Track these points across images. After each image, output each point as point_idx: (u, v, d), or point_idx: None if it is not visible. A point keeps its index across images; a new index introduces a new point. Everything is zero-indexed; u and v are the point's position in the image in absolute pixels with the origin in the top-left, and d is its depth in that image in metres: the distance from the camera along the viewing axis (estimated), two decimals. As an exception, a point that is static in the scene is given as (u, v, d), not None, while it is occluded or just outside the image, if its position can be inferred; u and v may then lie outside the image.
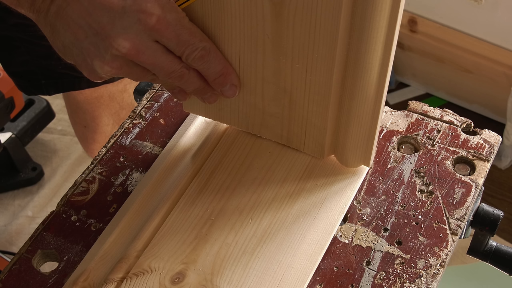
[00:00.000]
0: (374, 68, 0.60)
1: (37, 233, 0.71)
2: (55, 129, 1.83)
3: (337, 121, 0.67)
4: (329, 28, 0.58)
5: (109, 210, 0.72)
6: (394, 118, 0.77)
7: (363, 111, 0.64)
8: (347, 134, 0.67)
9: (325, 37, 0.59)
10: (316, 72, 0.62)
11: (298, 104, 0.66)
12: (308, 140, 0.70)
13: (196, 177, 0.72)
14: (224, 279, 0.64)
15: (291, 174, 0.71)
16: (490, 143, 0.73)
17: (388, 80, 0.61)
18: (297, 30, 0.60)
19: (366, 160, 0.69)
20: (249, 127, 0.73)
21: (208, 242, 0.67)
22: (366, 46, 0.58)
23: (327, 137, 0.68)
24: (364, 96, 0.63)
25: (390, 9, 0.56)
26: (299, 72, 0.63)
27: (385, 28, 0.57)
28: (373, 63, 0.60)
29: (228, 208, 0.69)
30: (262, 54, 0.63)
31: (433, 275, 0.65)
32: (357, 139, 0.67)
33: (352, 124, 0.66)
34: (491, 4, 1.63)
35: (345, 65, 0.61)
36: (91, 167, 0.75)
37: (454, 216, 0.69)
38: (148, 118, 0.79)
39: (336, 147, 0.70)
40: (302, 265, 0.65)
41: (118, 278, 0.65)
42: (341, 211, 0.68)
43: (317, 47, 0.60)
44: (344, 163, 0.71)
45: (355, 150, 0.68)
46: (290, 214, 0.68)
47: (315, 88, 0.64)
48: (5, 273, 0.69)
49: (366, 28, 0.57)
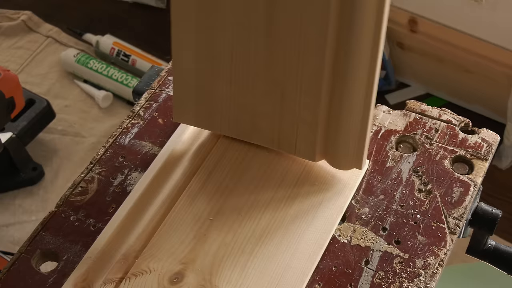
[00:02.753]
0: (364, 59, 0.60)
1: (36, 233, 0.71)
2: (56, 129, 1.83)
3: (328, 116, 0.66)
4: (319, 14, 0.58)
5: (108, 210, 0.72)
6: (392, 117, 0.77)
7: (353, 105, 0.64)
8: (338, 131, 0.66)
9: (315, 22, 0.58)
10: (308, 61, 0.62)
11: (290, 98, 0.66)
12: (299, 141, 0.69)
13: (195, 177, 0.72)
14: (223, 279, 0.65)
15: (289, 172, 0.71)
16: (489, 142, 0.74)
17: (377, 74, 0.61)
18: (288, 17, 0.59)
19: (358, 162, 0.69)
20: (240, 134, 0.72)
21: (207, 242, 0.67)
22: (355, 32, 0.58)
23: (319, 135, 0.67)
24: (354, 90, 0.62)
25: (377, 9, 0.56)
26: (291, 62, 0.62)
27: (373, 16, 0.57)
28: (362, 51, 0.60)
29: (227, 208, 0.69)
30: (254, 44, 0.63)
31: (432, 275, 0.65)
32: (348, 137, 0.66)
33: (343, 120, 0.65)
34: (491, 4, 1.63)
35: (336, 52, 0.61)
36: (90, 167, 0.75)
37: (453, 215, 0.69)
38: (146, 118, 0.79)
39: (328, 148, 0.69)
40: (301, 265, 0.65)
41: (117, 278, 0.65)
42: (340, 210, 0.68)
43: (308, 33, 0.60)
44: (336, 165, 0.70)
45: (347, 150, 0.68)
46: (288, 213, 0.68)
47: (307, 77, 0.63)
48: (4, 272, 0.69)
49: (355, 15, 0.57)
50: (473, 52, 1.73)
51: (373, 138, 0.75)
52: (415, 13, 1.77)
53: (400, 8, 1.79)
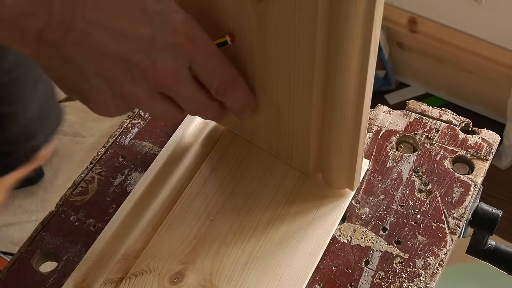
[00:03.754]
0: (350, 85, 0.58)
1: (36, 233, 0.71)
2: (55, 129, 1.83)
3: (320, 136, 0.65)
4: (307, 43, 0.57)
5: (108, 210, 0.72)
6: (393, 117, 0.77)
7: (343, 131, 0.62)
8: (330, 151, 0.65)
9: (304, 52, 0.58)
10: (298, 85, 0.61)
11: (284, 116, 0.65)
12: (295, 154, 0.69)
13: (195, 177, 0.72)
14: (223, 279, 0.65)
15: (290, 173, 0.71)
16: (489, 143, 0.74)
17: (368, 100, 0.59)
18: (279, 43, 0.59)
19: (350, 183, 0.68)
20: (243, 133, 0.73)
21: (207, 242, 0.67)
22: (343, 61, 0.57)
23: (311, 152, 0.67)
24: (343, 114, 0.61)
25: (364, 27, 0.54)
26: (283, 84, 0.62)
27: (359, 51, 0.55)
28: (349, 82, 0.58)
29: (227, 208, 0.69)
30: (250, 64, 0.63)
31: (432, 275, 0.65)
32: (340, 158, 0.65)
33: (333, 141, 0.64)
34: (491, 4, 1.63)
35: (325, 79, 0.60)
36: (90, 167, 0.75)
37: (453, 216, 0.69)
38: (147, 118, 0.79)
39: (321, 166, 0.69)
40: (301, 265, 0.65)
41: (117, 278, 0.65)
42: (340, 211, 0.68)
43: (298, 60, 0.59)
44: (328, 183, 0.70)
45: (338, 170, 0.67)
46: (288, 213, 0.68)
47: (298, 100, 0.63)
48: (4, 273, 0.69)
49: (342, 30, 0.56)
50: (473, 52, 1.74)
51: (374, 138, 0.75)
52: (415, 13, 1.77)
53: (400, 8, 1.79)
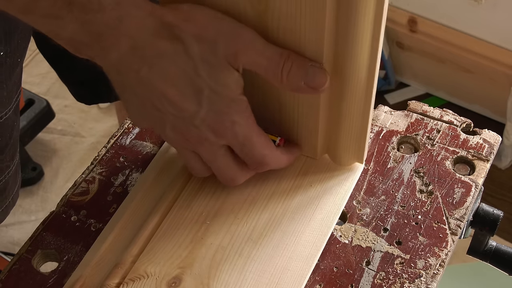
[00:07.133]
0: (363, 67, 0.60)
1: (37, 233, 0.71)
2: (55, 129, 1.83)
3: (328, 122, 0.66)
4: (314, 33, 0.57)
5: (109, 210, 0.72)
6: (394, 118, 0.77)
7: (353, 111, 0.64)
8: (339, 134, 0.67)
9: (311, 41, 0.58)
10: None
11: (288, 107, 0.66)
12: (300, 141, 0.69)
13: (191, 180, 0.71)
14: (220, 283, 0.64)
15: (286, 175, 0.71)
16: (490, 143, 0.73)
17: (376, 79, 0.61)
18: (281, 38, 0.59)
19: (360, 157, 0.69)
20: None
21: (204, 246, 0.67)
22: (352, 49, 0.58)
23: (319, 138, 0.68)
24: (353, 96, 0.62)
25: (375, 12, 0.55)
26: None
27: (370, 30, 0.57)
28: (360, 64, 0.59)
29: (223, 211, 0.69)
30: None
31: (433, 275, 0.65)
32: (349, 139, 0.67)
33: (343, 124, 0.65)
34: (491, 4, 1.63)
35: (333, 67, 0.60)
36: (91, 167, 0.75)
37: (454, 216, 0.69)
38: (148, 118, 0.79)
39: (329, 147, 0.70)
40: (298, 267, 0.65)
41: (114, 283, 0.65)
42: (336, 212, 0.68)
43: (303, 52, 0.59)
44: (337, 162, 0.70)
45: (347, 149, 0.68)
46: (285, 216, 0.68)
47: None
48: (5, 273, 0.69)
49: (351, 32, 0.57)
50: (473, 52, 1.74)
51: (375, 138, 0.75)
52: (415, 13, 1.77)
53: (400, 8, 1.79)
